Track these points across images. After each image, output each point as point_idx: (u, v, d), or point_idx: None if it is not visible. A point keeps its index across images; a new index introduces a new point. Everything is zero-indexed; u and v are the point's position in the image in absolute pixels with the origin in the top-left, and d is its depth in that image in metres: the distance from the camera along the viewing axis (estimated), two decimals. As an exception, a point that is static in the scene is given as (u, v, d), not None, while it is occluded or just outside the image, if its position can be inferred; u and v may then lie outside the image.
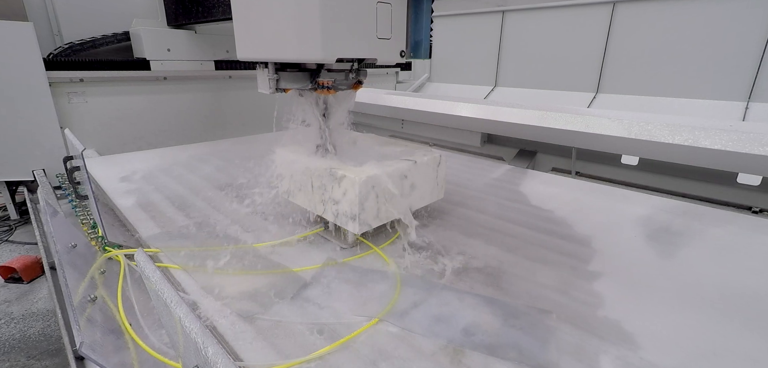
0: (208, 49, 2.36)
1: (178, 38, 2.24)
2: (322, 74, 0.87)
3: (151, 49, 2.15)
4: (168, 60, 2.21)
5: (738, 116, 1.90)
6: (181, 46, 2.25)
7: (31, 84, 1.74)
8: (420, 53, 0.89)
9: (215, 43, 2.38)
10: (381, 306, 0.68)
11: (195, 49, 2.31)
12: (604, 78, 2.42)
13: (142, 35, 2.14)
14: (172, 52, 2.22)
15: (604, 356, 0.58)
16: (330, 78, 0.87)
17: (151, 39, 2.16)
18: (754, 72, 1.83)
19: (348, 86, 0.91)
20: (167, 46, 2.20)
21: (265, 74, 0.87)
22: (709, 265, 0.85)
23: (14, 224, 2.09)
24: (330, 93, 0.88)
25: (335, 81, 0.87)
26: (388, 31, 0.83)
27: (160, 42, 2.18)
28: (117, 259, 0.86)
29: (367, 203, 0.83)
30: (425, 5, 0.86)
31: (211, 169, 1.46)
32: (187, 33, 2.27)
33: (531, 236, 0.97)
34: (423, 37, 0.88)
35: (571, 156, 1.63)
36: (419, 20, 0.87)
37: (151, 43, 2.15)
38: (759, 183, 1.27)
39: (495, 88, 2.97)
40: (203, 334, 0.61)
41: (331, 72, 0.87)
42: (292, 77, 0.88)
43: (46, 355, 1.33)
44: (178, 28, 2.26)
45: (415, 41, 0.89)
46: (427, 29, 0.88)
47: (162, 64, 2.19)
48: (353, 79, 0.92)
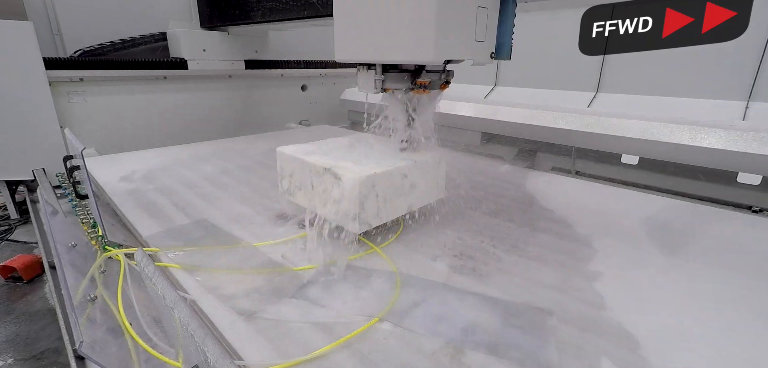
0: (239, 49, 2.46)
1: (211, 39, 2.34)
2: (423, 75, 0.91)
3: (187, 49, 2.24)
4: (203, 59, 2.31)
5: (738, 115, 1.90)
6: (214, 46, 2.35)
7: (31, 83, 1.74)
8: (503, 54, 0.93)
9: (245, 43, 2.47)
10: (381, 306, 0.68)
11: (227, 50, 2.40)
12: (604, 77, 2.41)
13: (180, 36, 2.22)
14: (208, 52, 2.32)
15: (604, 356, 0.58)
16: (427, 78, 0.91)
17: (188, 40, 2.25)
18: (754, 71, 1.83)
19: (438, 85, 0.95)
20: (203, 47, 2.30)
21: (370, 75, 0.91)
22: (710, 264, 0.85)
23: (14, 223, 2.09)
24: (425, 92, 0.92)
25: (431, 81, 0.92)
26: (484, 33, 0.87)
27: (197, 42, 2.28)
28: (117, 259, 0.86)
29: (367, 202, 0.83)
30: (510, 8, 0.90)
31: (212, 168, 1.46)
32: (220, 34, 2.37)
33: (531, 235, 0.97)
34: (506, 39, 0.92)
35: (571, 155, 1.63)
36: (504, 23, 0.91)
37: (188, 44, 2.25)
38: (759, 182, 1.27)
39: (495, 88, 2.96)
40: (203, 333, 0.61)
41: (429, 73, 0.92)
42: (396, 78, 0.92)
43: (46, 355, 1.33)
44: (211, 30, 2.36)
45: (500, 42, 0.92)
46: (510, 32, 0.92)
47: (197, 64, 2.28)
48: (443, 79, 0.96)
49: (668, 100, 2.17)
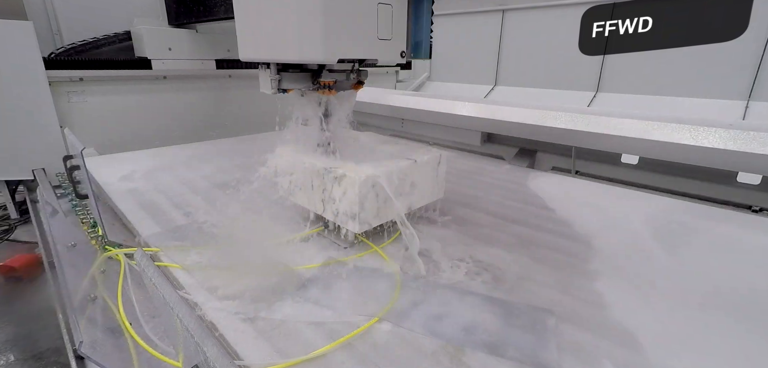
0: (208, 48, 2.37)
1: (179, 37, 2.24)
2: (324, 74, 0.88)
3: (152, 48, 2.16)
4: (169, 59, 2.21)
5: (738, 115, 1.90)
6: (182, 45, 2.26)
7: (31, 83, 1.74)
8: (420, 53, 0.89)
9: (216, 42, 2.39)
10: (381, 306, 0.68)
11: (196, 49, 2.31)
12: (604, 77, 2.41)
13: (143, 34, 2.14)
14: (174, 52, 2.22)
15: (604, 355, 0.58)
16: (331, 78, 0.87)
17: (152, 38, 2.16)
18: (754, 71, 1.83)
19: (349, 86, 0.92)
20: (168, 46, 2.20)
21: (267, 75, 0.87)
22: (709, 264, 0.85)
23: (14, 223, 2.09)
24: (331, 93, 0.88)
25: (336, 81, 0.88)
26: (389, 31, 0.83)
27: (162, 41, 2.19)
28: (117, 258, 0.86)
29: (367, 202, 0.83)
30: (425, 6, 0.86)
31: (212, 168, 1.46)
32: (189, 32, 2.27)
33: (531, 235, 0.97)
34: (423, 37, 0.89)
35: (571, 155, 1.63)
36: (419, 21, 0.88)
37: (152, 43, 2.16)
38: (759, 182, 1.27)
39: (495, 87, 2.96)
40: (203, 333, 0.61)
41: (332, 72, 0.88)
42: (293, 78, 0.88)
43: (46, 354, 1.33)
44: (180, 28, 2.26)
45: (416, 41, 0.89)
46: (427, 30, 0.88)
47: (163, 63, 2.19)
48: (354, 79, 0.92)
49: (668, 100, 2.17)
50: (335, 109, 0.94)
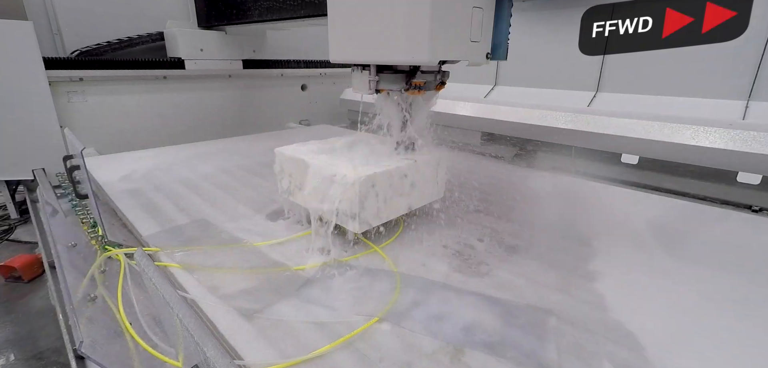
0: (236, 49, 2.45)
1: (209, 38, 2.33)
2: (417, 75, 0.90)
3: (186, 49, 2.23)
4: (201, 59, 2.30)
5: (738, 115, 1.90)
6: (211, 46, 2.34)
7: (31, 83, 1.74)
8: (499, 54, 0.92)
9: (243, 42, 2.46)
10: (381, 305, 0.68)
11: (225, 49, 2.40)
12: (604, 77, 2.41)
13: (177, 36, 2.21)
14: (205, 52, 2.31)
15: (604, 355, 0.58)
16: (422, 79, 0.90)
17: (185, 39, 2.24)
18: (754, 71, 1.83)
19: (433, 86, 0.95)
20: (200, 46, 2.29)
21: (364, 76, 0.90)
22: (709, 264, 0.85)
23: (14, 223, 2.09)
24: (421, 93, 0.92)
25: (426, 82, 0.91)
26: (479, 34, 0.87)
27: (194, 42, 2.27)
28: (117, 258, 0.86)
29: (367, 202, 0.83)
30: (506, 9, 0.89)
31: (212, 167, 1.46)
32: (218, 34, 2.36)
33: (531, 235, 0.97)
34: (502, 39, 0.91)
35: (571, 155, 1.63)
36: (500, 23, 0.91)
37: (185, 43, 2.23)
38: (759, 181, 1.27)
39: (495, 87, 2.96)
40: (203, 333, 0.61)
41: (424, 73, 0.91)
42: (390, 79, 0.91)
43: (46, 354, 1.33)
44: (208, 29, 2.35)
45: (495, 43, 0.92)
46: (506, 32, 0.91)
47: (195, 63, 2.27)
48: (439, 80, 0.95)
49: (668, 100, 2.17)
50: (419, 107, 0.97)
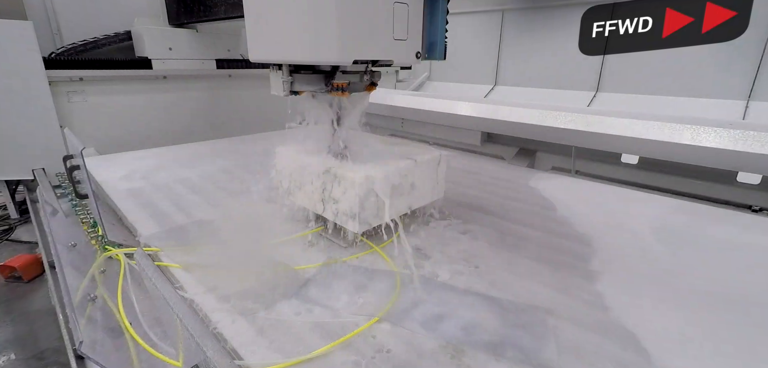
0: (209, 48, 2.37)
1: (179, 37, 2.24)
2: (337, 76, 0.86)
3: (152, 48, 2.16)
4: (170, 59, 2.22)
5: (738, 115, 1.90)
6: (183, 44, 2.26)
7: (31, 83, 1.74)
8: (435, 54, 0.88)
9: (216, 41, 2.39)
10: (381, 305, 0.68)
11: (196, 48, 2.31)
12: (604, 77, 2.41)
13: (143, 34, 2.14)
14: (174, 51, 2.22)
15: (604, 355, 0.58)
16: (345, 80, 0.85)
17: (152, 38, 2.16)
18: (754, 71, 1.83)
19: (362, 88, 0.90)
20: (169, 45, 2.21)
21: (278, 76, 0.86)
22: (709, 264, 0.85)
23: (14, 223, 2.09)
24: (344, 95, 0.87)
25: (350, 83, 0.86)
26: (405, 32, 0.82)
27: (162, 41, 2.19)
28: (117, 258, 0.86)
29: (367, 202, 0.83)
30: (440, 5, 0.85)
31: (212, 167, 1.46)
32: (189, 32, 2.27)
33: (531, 235, 0.97)
34: (438, 37, 0.87)
35: (571, 155, 1.63)
36: (434, 21, 0.86)
37: (152, 42, 2.16)
38: (759, 181, 1.27)
39: (495, 87, 2.96)
40: (203, 333, 0.61)
41: (346, 74, 0.86)
42: (306, 79, 0.87)
43: (46, 354, 1.33)
44: (180, 27, 2.26)
45: (430, 42, 0.88)
46: (442, 30, 0.86)
47: (164, 63, 2.19)
48: (367, 81, 0.91)
49: (668, 100, 2.17)
50: (348, 111, 0.93)
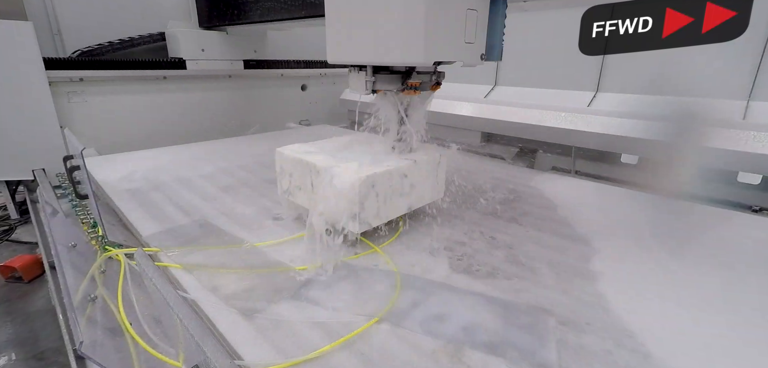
0: (237, 49, 2.45)
1: (211, 39, 2.33)
2: (413, 76, 0.92)
3: (186, 49, 2.23)
4: (202, 59, 2.30)
5: (738, 115, 1.90)
6: (214, 46, 2.34)
7: (31, 83, 1.74)
8: (494, 56, 0.94)
9: (244, 42, 2.47)
10: (381, 305, 0.68)
11: (226, 49, 2.40)
12: (604, 77, 2.41)
13: (178, 36, 2.22)
14: (206, 52, 2.31)
15: (604, 355, 0.58)
16: (418, 79, 0.92)
17: (186, 40, 2.24)
18: (754, 71, 1.83)
19: (428, 87, 0.96)
20: (201, 47, 2.29)
21: (361, 77, 0.91)
22: (709, 264, 0.85)
23: (14, 223, 2.09)
24: (416, 94, 0.93)
25: (422, 82, 0.92)
26: (473, 35, 0.88)
27: (195, 42, 2.27)
28: (117, 259, 0.86)
29: (367, 202, 0.83)
30: (501, 11, 0.91)
31: (212, 167, 1.46)
32: (219, 34, 2.36)
33: (531, 235, 0.97)
34: (497, 40, 0.93)
35: (571, 155, 1.63)
36: (494, 25, 0.92)
37: (187, 44, 2.23)
38: (759, 182, 1.27)
39: (495, 87, 2.96)
40: (203, 333, 0.61)
41: (420, 74, 0.93)
42: (386, 79, 0.92)
43: (46, 354, 1.33)
44: (210, 29, 2.35)
45: (490, 44, 0.93)
46: (500, 33, 0.93)
47: (196, 64, 2.27)
48: (434, 80, 0.97)
49: (668, 100, 2.17)
50: (415, 108, 0.98)
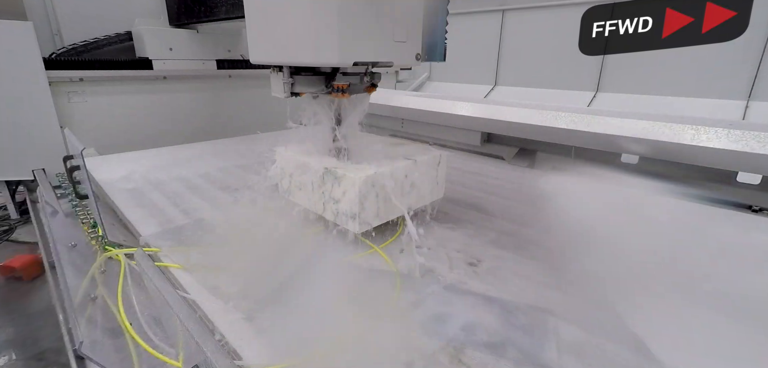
0: (210, 49, 2.37)
1: (179, 37, 2.24)
2: (338, 78, 0.86)
3: (153, 48, 2.16)
4: (170, 59, 2.22)
5: (738, 115, 1.90)
6: (183, 45, 2.26)
7: (31, 83, 1.74)
8: (435, 56, 0.89)
9: (217, 42, 2.39)
10: (381, 305, 0.68)
11: (197, 49, 2.32)
12: (604, 77, 2.42)
13: (143, 35, 2.14)
14: (174, 52, 2.23)
15: (604, 355, 0.58)
16: (345, 81, 0.86)
17: (153, 38, 2.17)
18: (754, 71, 1.83)
19: (362, 89, 0.91)
20: (169, 46, 2.21)
21: (279, 78, 0.87)
22: (709, 264, 0.85)
23: (14, 223, 2.09)
24: (344, 96, 0.87)
25: (350, 84, 0.86)
26: (405, 34, 0.83)
27: (163, 41, 2.19)
28: (117, 259, 0.86)
29: (367, 202, 0.83)
30: (440, 8, 0.86)
31: (211, 167, 1.46)
32: (189, 32, 2.28)
33: (531, 235, 0.97)
34: (438, 39, 0.88)
35: (571, 155, 1.63)
36: (434, 22, 0.87)
37: (153, 43, 2.16)
38: (759, 182, 1.27)
39: (495, 87, 2.96)
40: (203, 333, 0.61)
41: (346, 75, 0.87)
42: (307, 81, 0.87)
43: (46, 354, 1.33)
44: (180, 28, 2.26)
45: (430, 43, 0.88)
46: (442, 31, 0.87)
47: (164, 63, 2.19)
48: (367, 82, 0.91)
49: (668, 100, 2.17)
50: (348, 112, 0.93)
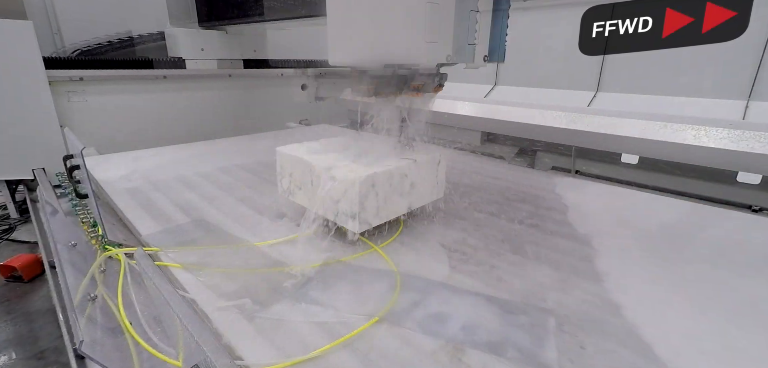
0: (236, 48, 2.46)
1: (210, 38, 2.35)
2: (416, 78, 0.92)
3: (186, 48, 2.25)
4: (202, 59, 2.31)
5: (738, 115, 1.90)
6: (213, 45, 2.36)
7: (31, 83, 1.74)
8: (497, 57, 0.95)
9: (242, 42, 2.47)
10: (381, 305, 0.68)
11: (225, 49, 2.41)
12: (604, 77, 2.41)
13: (178, 36, 2.23)
14: (205, 51, 2.32)
15: (604, 355, 0.58)
16: (421, 81, 0.92)
17: (186, 39, 2.26)
18: (754, 70, 1.83)
19: (431, 89, 0.96)
20: (201, 46, 2.30)
21: (363, 79, 0.90)
22: (709, 264, 0.85)
23: (14, 223, 2.09)
24: (419, 95, 0.93)
25: (424, 84, 0.93)
26: (476, 37, 0.90)
27: (195, 42, 2.29)
28: (117, 258, 0.86)
29: (367, 202, 0.83)
30: (503, 13, 0.93)
31: (211, 167, 1.46)
32: (219, 33, 2.38)
33: (531, 235, 0.97)
34: (500, 42, 0.95)
35: (571, 154, 1.63)
36: (497, 26, 0.94)
37: (186, 43, 2.25)
38: (759, 182, 1.27)
39: (495, 87, 2.96)
40: (203, 333, 0.61)
41: (422, 76, 0.93)
42: (389, 81, 0.91)
43: (46, 354, 1.33)
44: (209, 29, 2.36)
45: (493, 46, 0.95)
46: (503, 34, 0.94)
47: (195, 63, 2.29)
48: (436, 83, 0.97)
49: (668, 100, 2.17)
50: (415, 111, 0.98)
